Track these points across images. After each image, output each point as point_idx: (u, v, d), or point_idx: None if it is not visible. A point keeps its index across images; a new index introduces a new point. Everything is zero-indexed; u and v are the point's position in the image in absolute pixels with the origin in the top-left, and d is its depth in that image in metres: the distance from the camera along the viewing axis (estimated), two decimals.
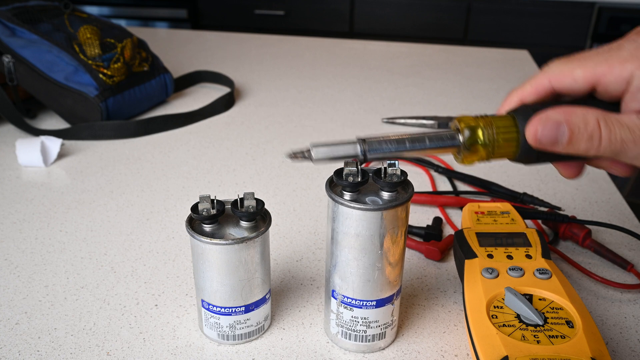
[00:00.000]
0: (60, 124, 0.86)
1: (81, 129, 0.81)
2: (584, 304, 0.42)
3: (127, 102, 0.87)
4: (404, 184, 0.39)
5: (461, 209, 0.62)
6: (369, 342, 0.42)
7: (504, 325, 0.39)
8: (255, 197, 0.41)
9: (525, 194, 0.63)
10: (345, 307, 0.41)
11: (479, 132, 0.35)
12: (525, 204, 0.62)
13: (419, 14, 2.47)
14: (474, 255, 0.46)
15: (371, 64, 1.25)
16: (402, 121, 0.89)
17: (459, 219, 0.61)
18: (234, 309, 0.41)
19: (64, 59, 0.83)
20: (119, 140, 0.81)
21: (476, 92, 1.06)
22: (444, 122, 0.87)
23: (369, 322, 0.41)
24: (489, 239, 0.48)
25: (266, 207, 0.42)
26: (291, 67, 1.21)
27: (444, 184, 0.70)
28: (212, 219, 0.40)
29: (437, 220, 0.59)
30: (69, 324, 0.45)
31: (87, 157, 0.75)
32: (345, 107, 0.97)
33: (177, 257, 0.54)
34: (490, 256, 0.46)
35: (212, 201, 0.40)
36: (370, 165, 0.70)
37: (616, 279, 0.51)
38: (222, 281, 0.40)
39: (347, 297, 0.41)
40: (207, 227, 0.40)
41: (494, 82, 1.12)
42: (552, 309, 0.40)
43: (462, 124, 0.35)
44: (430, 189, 0.68)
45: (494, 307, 0.41)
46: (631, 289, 0.50)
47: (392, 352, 0.43)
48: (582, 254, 0.55)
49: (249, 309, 0.42)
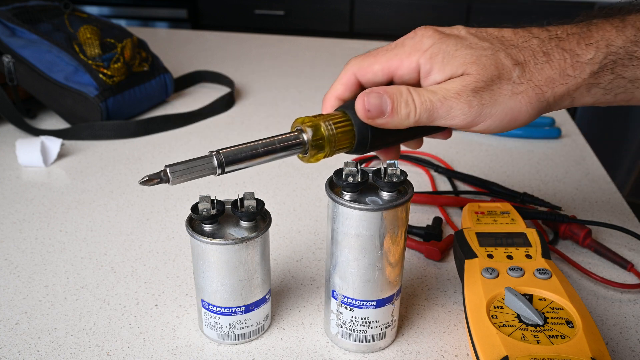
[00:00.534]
0: (60, 124, 0.86)
1: (81, 129, 0.81)
2: (584, 304, 0.42)
3: (127, 102, 0.87)
4: (404, 184, 0.39)
5: (461, 209, 0.62)
6: (369, 342, 0.42)
7: (504, 325, 0.39)
8: (255, 197, 0.41)
9: (525, 194, 0.63)
10: (345, 307, 0.41)
11: (322, 129, 0.37)
12: (525, 204, 0.62)
13: (419, 13, 2.47)
14: (474, 255, 0.46)
15: None
16: None
17: (459, 219, 0.61)
18: (234, 309, 0.41)
19: (64, 59, 0.83)
20: (119, 140, 0.81)
21: None
22: None
23: (369, 322, 0.41)
24: (489, 239, 0.48)
25: (266, 207, 0.42)
26: (291, 67, 1.21)
27: (444, 184, 0.70)
28: (212, 219, 0.40)
29: (437, 220, 0.59)
30: (69, 324, 0.45)
31: (87, 157, 0.75)
32: None
33: (177, 257, 0.54)
34: (490, 256, 0.46)
35: (212, 201, 0.40)
36: (369, 165, 0.70)
37: (616, 278, 0.51)
38: (223, 281, 0.40)
39: (347, 297, 0.41)
40: (207, 227, 0.40)
41: None
42: (552, 309, 0.40)
43: (304, 124, 0.37)
44: (430, 189, 0.68)
45: (494, 307, 0.41)
46: (631, 289, 0.50)
47: (392, 352, 0.43)
48: (582, 253, 0.55)
49: (249, 309, 0.42)
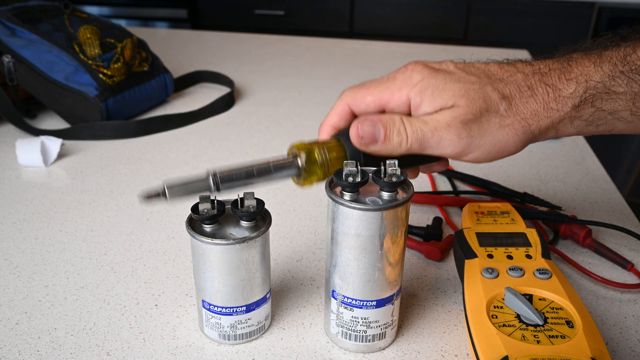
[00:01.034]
0: (60, 124, 0.86)
1: (81, 129, 0.81)
2: (584, 304, 0.42)
3: (127, 102, 0.87)
4: (404, 184, 0.39)
5: (461, 209, 0.62)
6: (369, 342, 0.42)
7: (504, 325, 0.39)
8: (255, 197, 0.41)
9: (525, 194, 0.63)
10: (345, 307, 0.41)
11: (315, 154, 0.40)
12: (525, 204, 0.62)
13: (419, 13, 2.47)
14: (474, 255, 0.46)
15: (371, 64, 1.25)
16: None
17: (459, 219, 0.61)
18: (235, 309, 0.41)
19: (64, 59, 0.83)
20: (119, 140, 0.81)
21: None
22: None
23: (369, 322, 0.41)
24: (489, 239, 0.48)
25: (266, 207, 0.42)
26: (291, 67, 1.21)
27: (444, 184, 0.70)
28: (212, 219, 0.40)
29: (437, 220, 0.59)
30: (69, 324, 0.45)
31: (87, 157, 0.75)
32: None
33: (177, 257, 0.54)
34: (490, 256, 0.46)
35: (213, 201, 0.40)
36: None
37: (616, 278, 0.51)
38: (224, 281, 0.40)
39: (347, 297, 0.41)
40: (208, 228, 0.40)
41: None
42: (552, 309, 0.40)
43: (299, 150, 0.40)
44: (430, 189, 0.68)
45: (494, 307, 0.41)
46: (631, 289, 0.50)
47: (392, 352, 0.43)
48: (582, 253, 0.55)
49: (250, 308, 0.42)
